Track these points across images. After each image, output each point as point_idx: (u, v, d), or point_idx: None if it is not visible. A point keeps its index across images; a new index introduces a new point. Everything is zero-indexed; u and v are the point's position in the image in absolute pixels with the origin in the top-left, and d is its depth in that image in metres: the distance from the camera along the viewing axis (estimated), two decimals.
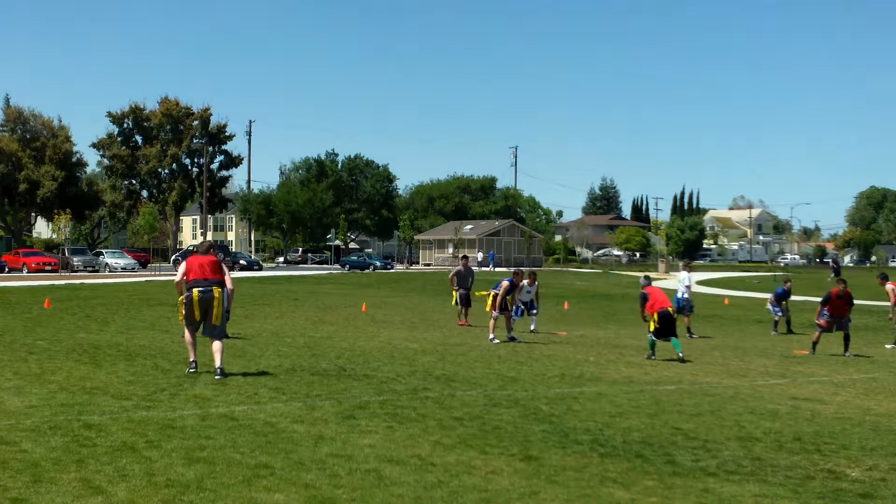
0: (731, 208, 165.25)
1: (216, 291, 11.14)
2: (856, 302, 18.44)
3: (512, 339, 17.71)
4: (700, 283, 54.81)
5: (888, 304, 19.53)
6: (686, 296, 21.09)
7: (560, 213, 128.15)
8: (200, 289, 11.08)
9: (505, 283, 18.08)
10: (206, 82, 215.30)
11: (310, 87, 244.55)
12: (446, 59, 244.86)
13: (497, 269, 69.62)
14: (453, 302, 22.18)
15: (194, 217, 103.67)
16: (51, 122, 72.37)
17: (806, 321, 23.50)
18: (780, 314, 22.86)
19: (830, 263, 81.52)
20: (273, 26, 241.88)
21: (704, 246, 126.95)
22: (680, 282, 21.79)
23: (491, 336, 17.60)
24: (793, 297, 24.35)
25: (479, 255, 72.76)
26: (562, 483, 6.74)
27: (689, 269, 22.44)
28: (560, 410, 9.85)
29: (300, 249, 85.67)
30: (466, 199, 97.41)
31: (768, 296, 24.32)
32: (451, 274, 21.87)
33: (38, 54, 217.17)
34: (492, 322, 17.96)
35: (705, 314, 28.85)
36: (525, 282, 18.93)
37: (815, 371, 14.42)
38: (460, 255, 24.49)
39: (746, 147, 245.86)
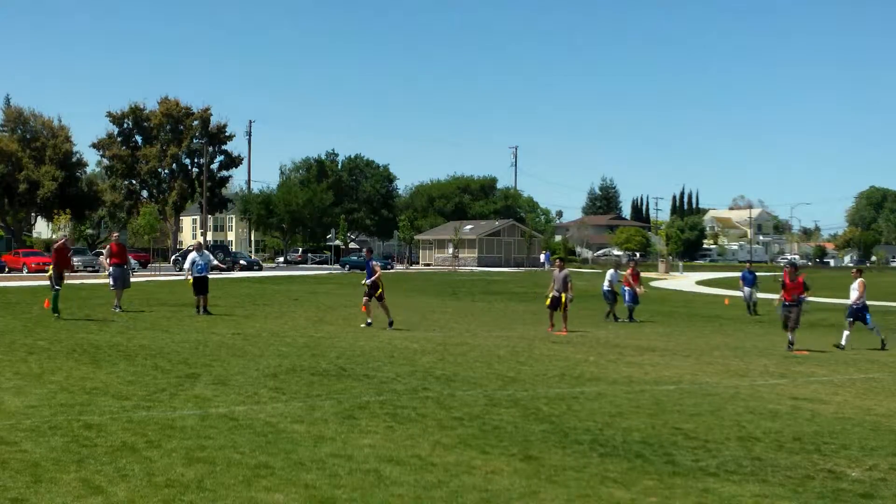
0: (731, 208, 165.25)
1: None
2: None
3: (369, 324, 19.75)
4: (700, 282, 54.97)
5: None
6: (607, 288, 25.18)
7: (560, 213, 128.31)
8: None
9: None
10: (206, 82, 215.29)
11: (310, 87, 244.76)
12: (446, 58, 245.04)
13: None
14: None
15: (194, 217, 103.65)
16: (51, 122, 72.30)
17: (809, 320, 23.50)
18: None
19: None
20: (273, 26, 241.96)
21: (704, 246, 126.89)
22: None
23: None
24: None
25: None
26: (562, 483, 6.75)
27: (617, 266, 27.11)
28: (560, 410, 9.85)
29: (300, 249, 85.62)
30: (466, 199, 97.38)
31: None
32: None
33: (38, 54, 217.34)
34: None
35: (705, 314, 28.86)
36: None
37: (815, 371, 14.42)
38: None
39: (746, 147, 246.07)
